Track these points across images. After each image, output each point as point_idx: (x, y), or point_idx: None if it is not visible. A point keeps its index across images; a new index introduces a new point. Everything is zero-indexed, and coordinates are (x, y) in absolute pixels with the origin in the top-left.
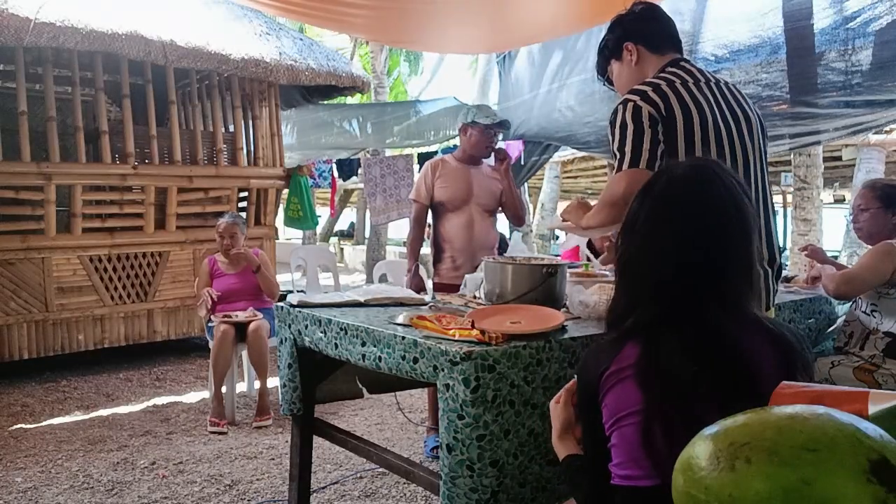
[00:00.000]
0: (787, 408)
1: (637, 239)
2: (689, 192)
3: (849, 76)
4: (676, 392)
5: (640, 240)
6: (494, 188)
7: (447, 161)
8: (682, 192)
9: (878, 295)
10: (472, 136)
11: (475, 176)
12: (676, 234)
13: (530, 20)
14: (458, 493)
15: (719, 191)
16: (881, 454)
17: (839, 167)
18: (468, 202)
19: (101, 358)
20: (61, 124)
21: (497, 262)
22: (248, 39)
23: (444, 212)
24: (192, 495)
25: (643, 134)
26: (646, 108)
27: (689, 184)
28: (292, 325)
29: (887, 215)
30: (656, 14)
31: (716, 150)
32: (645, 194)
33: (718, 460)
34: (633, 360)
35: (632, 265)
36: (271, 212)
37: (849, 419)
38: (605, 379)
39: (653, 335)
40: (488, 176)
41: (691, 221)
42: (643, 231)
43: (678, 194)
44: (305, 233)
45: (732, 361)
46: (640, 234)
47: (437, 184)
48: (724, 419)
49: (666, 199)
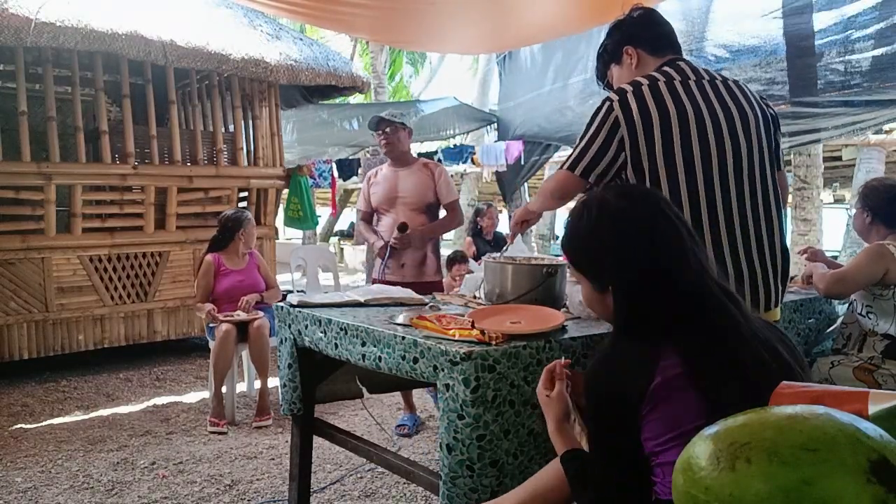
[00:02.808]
0: (787, 408)
1: (615, 256)
2: (638, 207)
3: (848, 76)
4: (733, 399)
5: (619, 254)
6: (423, 187)
7: (380, 169)
8: (635, 207)
9: (872, 296)
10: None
11: (402, 178)
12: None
13: (531, 20)
14: (458, 493)
15: (652, 209)
16: (881, 454)
17: (839, 167)
18: (394, 204)
19: (101, 358)
20: (61, 124)
21: (497, 262)
22: (248, 39)
23: (379, 215)
24: (192, 495)
25: (595, 139)
26: (616, 114)
27: (632, 201)
28: (292, 325)
29: (863, 214)
30: (654, 18)
31: (699, 146)
32: (603, 227)
33: (719, 460)
34: (681, 370)
35: (627, 282)
36: (271, 212)
37: (849, 419)
38: (655, 391)
39: (691, 343)
40: (416, 175)
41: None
42: (620, 247)
43: (633, 212)
44: (305, 233)
45: (763, 358)
46: (617, 251)
47: (371, 190)
48: (724, 419)
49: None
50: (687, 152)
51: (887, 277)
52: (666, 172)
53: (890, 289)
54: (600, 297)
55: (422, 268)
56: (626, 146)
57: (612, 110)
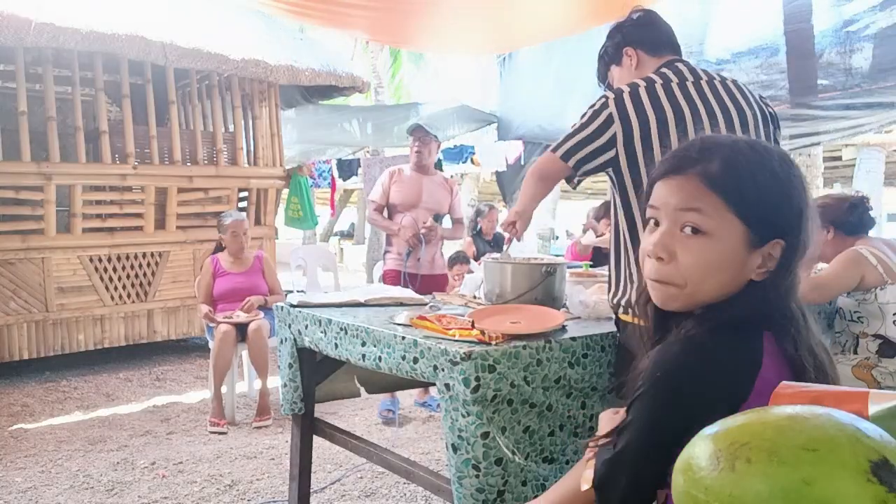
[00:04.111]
0: (787, 408)
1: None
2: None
3: (848, 78)
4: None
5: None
6: (442, 199)
7: (403, 169)
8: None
9: (857, 302)
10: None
11: (426, 185)
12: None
13: (531, 21)
14: (465, 493)
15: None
16: (882, 454)
17: (839, 167)
18: (416, 206)
19: (101, 358)
20: (61, 124)
21: (497, 261)
22: (248, 39)
23: (394, 212)
24: (192, 495)
25: (585, 128)
26: (611, 110)
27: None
28: (292, 325)
29: (825, 233)
30: (655, 20)
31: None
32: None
33: (718, 460)
34: (781, 356)
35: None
36: (271, 212)
37: (849, 419)
38: (751, 402)
39: (781, 326)
40: (439, 187)
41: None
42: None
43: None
44: (305, 233)
45: (824, 367)
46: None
47: (393, 188)
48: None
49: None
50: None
51: (865, 282)
52: None
53: (871, 292)
54: (739, 257)
55: (433, 263)
56: (618, 144)
57: (606, 106)
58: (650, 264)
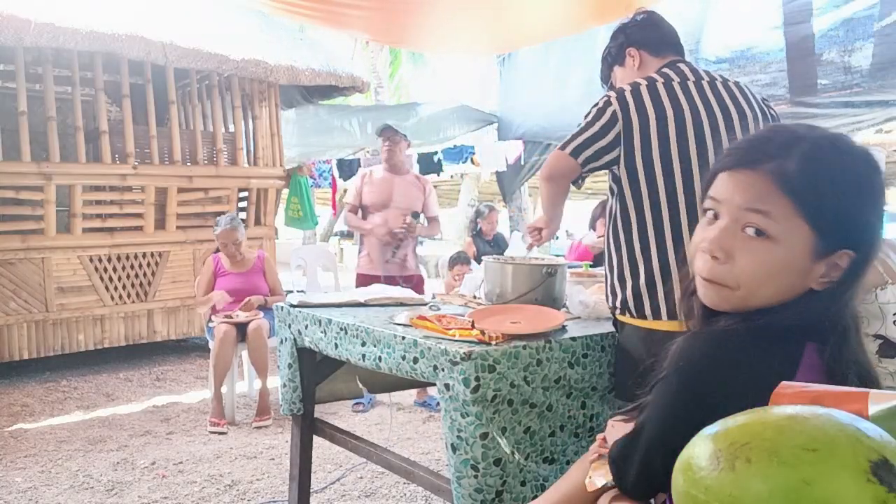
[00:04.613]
0: (787, 408)
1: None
2: None
3: (848, 76)
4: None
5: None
6: (413, 198)
7: (375, 170)
8: None
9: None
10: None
11: (397, 185)
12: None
13: (531, 21)
14: (463, 493)
15: None
16: (882, 454)
17: None
18: (387, 206)
19: (101, 358)
20: (61, 124)
21: (497, 262)
22: (248, 39)
23: (366, 213)
24: (192, 495)
25: (591, 126)
26: (614, 108)
27: None
28: (292, 325)
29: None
30: (657, 21)
31: (695, 147)
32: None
33: (718, 460)
34: (823, 369)
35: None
36: (271, 212)
37: (849, 419)
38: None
39: (827, 339)
40: (410, 185)
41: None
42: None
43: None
44: (305, 233)
45: (869, 376)
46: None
47: (364, 189)
48: (724, 419)
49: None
50: (683, 153)
51: (866, 282)
52: (662, 171)
53: (872, 292)
54: (802, 265)
55: (405, 263)
56: (622, 142)
57: (610, 104)
58: (703, 261)
